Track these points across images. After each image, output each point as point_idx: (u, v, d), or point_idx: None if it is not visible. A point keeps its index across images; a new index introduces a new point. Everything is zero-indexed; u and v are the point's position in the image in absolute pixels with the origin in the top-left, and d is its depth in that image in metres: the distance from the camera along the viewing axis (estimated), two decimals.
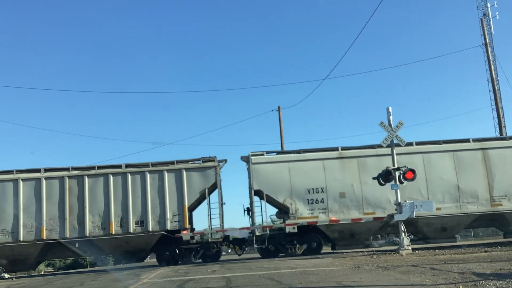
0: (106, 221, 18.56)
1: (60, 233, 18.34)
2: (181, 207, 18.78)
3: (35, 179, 18.59)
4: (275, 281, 9.43)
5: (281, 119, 34.80)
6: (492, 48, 29.52)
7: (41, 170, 18.82)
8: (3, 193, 18.48)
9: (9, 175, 18.68)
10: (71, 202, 18.57)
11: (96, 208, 18.58)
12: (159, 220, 18.67)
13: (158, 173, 18.91)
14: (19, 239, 18.22)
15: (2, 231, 18.28)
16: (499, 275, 8.21)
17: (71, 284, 12.97)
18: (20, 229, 18.26)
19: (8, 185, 18.49)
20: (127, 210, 18.60)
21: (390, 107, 17.13)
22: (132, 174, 18.87)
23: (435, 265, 10.72)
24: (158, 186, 18.84)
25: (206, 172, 19.05)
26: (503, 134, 27.50)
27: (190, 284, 9.98)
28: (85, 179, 18.69)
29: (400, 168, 16.79)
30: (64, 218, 18.43)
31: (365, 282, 8.56)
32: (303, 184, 18.83)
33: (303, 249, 19.00)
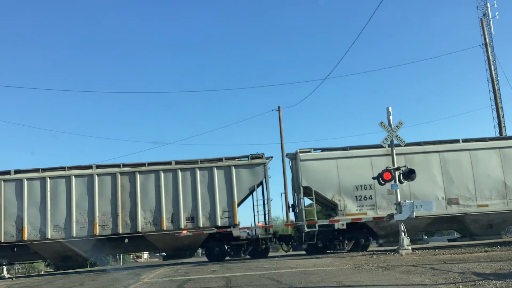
0: (158, 217, 18.67)
1: (112, 229, 18.49)
2: (230, 203, 18.91)
3: (88, 175, 18.73)
4: (275, 281, 9.43)
5: (281, 119, 34.85)
6: (492, 48, 29.55)
7: (92, 166, 18.95)
8: (56, 190, 18.56)
9: (62, 171, 18.74)
10: (123, 198, 18.69)
11: (147, 204, 18.70)
12: (209, 216, 18.82)
13: (208, 170, 19.09)
14: (71, 235, 18.29)
15: (55, 227, 18.33)
16: (499, 275, 8.21)
17: (71, 284, 12.97)
18: (73, 225, 18.33)
19: (61, 181, 18.60)
20: (178, 206, 18.74)
21: (390, 107, 17.21)
22: (182, 170, 19.01)
23: (435, 265, 10.72)
24: (208, 182, 18.99)
25: (254, 169, 19.21)
26: (503, 134, 27.51)
27: (190, 284, 9.98)
28: (136, 175, 18.84)
29: (400, 168, 16.82)
30: (116, 214, 18.55)
31: (365, 282, 8.56)
32: (351, 181, 18.95)
33: (351, 246, 19.06)
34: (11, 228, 18.20)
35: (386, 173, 16.77)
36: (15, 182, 18.47)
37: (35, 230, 18.21)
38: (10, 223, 18.21)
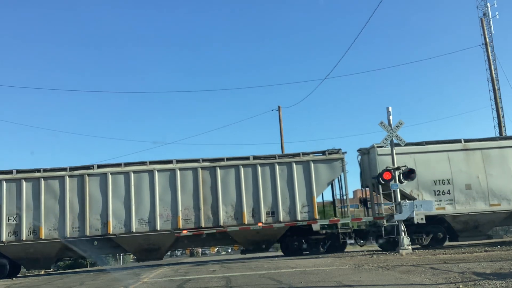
0: (239, 211, 18.74)
1: (195, 223, 18.55)
2: (310, 198, 18.93)
3: (170, 170, 18.78)
4: (275, 281, 9.43)
5: (281, 119, 34.86)
6: (492, 47, 29.50)
7: (173, 161, 19.00)
8: (140, 184, 18.63)
9: (144, 166, 18.84)
10: (205, 192, 18.76)
11: (228, 199, 18.76)
12: (289, 210, 18.83)
13: (287, 165, 19.09)
14: (156, 229, 18.36)
15: (139, 220, 18.40)
16: (499, 274, 8.21)
17: (71, 283, 12.97)
18: (157, 219, 18.41)
19: (144, 175, 18.69)
20: (258, 200, 18.79)
21: (390, 107, 17.26)
22: (261, 165, 19.07)
23: (435, 265, 10.72)
24: (287, 177, 18.99)
25: (332, 164, 19.20)
26: (503, 134, 27.50)
27: (190, 283, 9.99)
28: (217, 170, 18.91)
29: (400, 168, 16.84)
30: (198, 208, 18.61)
31: (365, 281, 8.56)
32: (429, 176, 18.98)
33: (429, 240, 19.03)
34: (96, 222, 18.26)
35: (386, 173, 16.79)
36: (99, 176, 18.59)
37: (120, 224, 18.32)
38: (95, 217, 18.30)
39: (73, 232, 18.11)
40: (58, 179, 18.41)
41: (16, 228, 18.00)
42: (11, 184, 18.25)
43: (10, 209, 18.10)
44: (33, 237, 17.97)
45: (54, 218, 18.13)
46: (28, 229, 18.01)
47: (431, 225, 18.82)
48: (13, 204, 18.12)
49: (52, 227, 18.06)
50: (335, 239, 19.06)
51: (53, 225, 18.07)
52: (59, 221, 18.10)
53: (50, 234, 18.02)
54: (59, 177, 18.42)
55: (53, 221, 18.10)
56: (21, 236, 17.93)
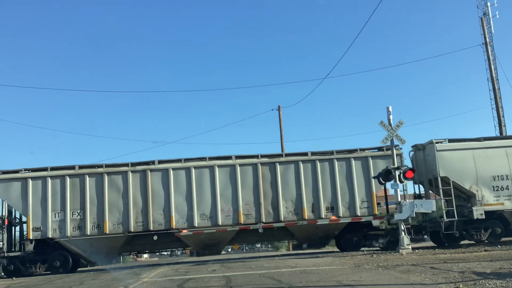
0: (299, 206, 18.80)
1: (256, 218, 18.63)
2: (369, 193, 19.03)
3: (230, 165, 18.87)
4: (275, 280, 9.43)
5: (281, 118, 34.84)
6: (492, 47, 29.45)
7: (232, 157, 19.09)
8: (201, 179, 18.76)
9: (204, 161, 18.96)
10: (265, 188, 18.84)
11: (288, 194, 18.81)
12: (348, 206, 18.94)
13: (345, 161, 19.23)
14: (217, 223, 18.46)
15: (201, 215, 18.54)
16: (499, 274, 8.21)
17: (71, 283, 12.96)
18: (219, 214, 18.52)
19: (205, 171, 18.82)
20: (318, 196, 18.87)
21: (390, 107, 17.24)
22: (320, 161, 19.16)
23: (435, 264, 10.72)
24: (345, 173, 19.13)
25: (390, 159, 19.18)
26: (503, 133, 27.49)
27: (190, 283, 9.98)
28: (276, 166, 18.98)
29: (400, 168, 16.82)
30: (259, 203, 18.69)
31: (365, 281, 8.56)
32: (488, 171, 18.94)
33: (487, 235, 19.02)
34: (159, 217, 18.40)
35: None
36: (161, 171, 18.69)
37: (183, 219, 18.46)
38: (158, 212, 18.45)
39: (137, 226, 18.28)
40: (121, 174, 18.59)
41: (80, 223, 18.17)
42: (75, 180, 18.42)
43: (74, 204, 18.29)
44: (97, 232, 18.16)
45: (118, 212, 18.31)
46: (92, 224, 18.19)
47: (489, 220, 18.85)
48: (77, 199, 18.32)
49: (116, 222, 18.24)
50: (393, 234, 18.96)
51: (117, 219, 18.26)
52: (123, 215, 18.29)
53: (114, 229, 18.21)
54: (122, 173, 18.61)
55: (117, 216, 18.29)
56: (86, 231, 18.09)
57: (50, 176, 18.38)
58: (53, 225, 18.12)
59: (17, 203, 18.37)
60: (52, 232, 18.09)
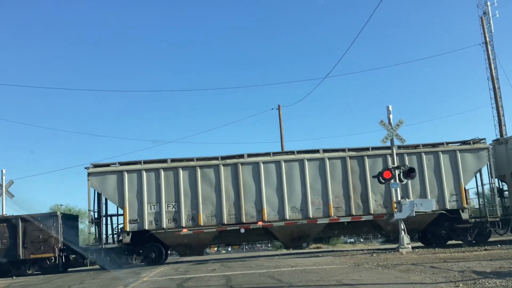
0: (388, 200, 18.92)
1: (346, 211, 18.80)
2: (457, 187, 19.19)
3: (319, 159, 19.03)
4: (275, 280, 9.43)
5: (281, 118, 34.79)
6: (492, 46, 29.41)
7: (319, 150, 19.30)
8: (291, 173, 18.92)
9: (293, 155, 19.16)
10: (354, 181, 19.00)
11: (377, 187, 18.89)
12: (437, 199, 19.07)
13: (433, 154, 19.40)
14: (308, 216, 18.58)
15: (292, 208, 18.66)
16: (499, 273, 8.20)
17: (71, 282, 12.97)
18: (309, 207, 18.66)
19: (294, 164, 18.97)
20: (407, 189, 18.95)
21: (390, 106, 17.27)
22: (408, 155, 19.35)
23: (435, 264, 10.71)
24: (434, 166, 19.31)
25: (479, 153, 19.41)
26: (503, 132, 27.47)
27: (190, 282, 9.98)
28: (365, 159, 19.17)
29: (400, 167, 16.82)
30: (349, 196, 18.83)
31: (365, 280, 8.56)
32: None
33: None
34: (251, 209, 18.62)
35: (386, 172, 16.79)
36: (252, 165, 18.92)
37: (274, 211, 18.63)
38: (250, 205, 18.66)
39: (230, 219, 18.53)
40: (213, 167, 18.87)
41: (175, 215, 18.48)
42: (169, 173, 18.70)
43: (168, 196, 18.55)
44: (192, 224, 18.44)
45: (211, 205, 18.63)
46: (187, 216, 18.51)
47: None
48: (171, 192, 18.59)
49: (210, 214, 18.56)
50: (482, 227, 19.09)
51: (211, 212, 18.58)
52: (216, 208, 18.60)
53: (208, 221, 18.51)
54: (213, 166, 18.89)
55: (210, 208, 18.60)
56: (181, 222, 18.38)
57: (145, 169, 18.69)
58: (149, 217, 18.42)
59: (113, 196, 18.71)
60: (148, 224, 18.39)
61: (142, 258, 18.60)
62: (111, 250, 18.48)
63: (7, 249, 18.49)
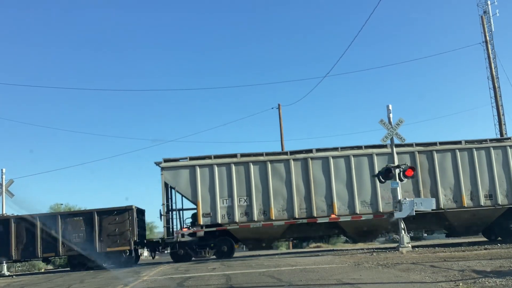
0: (458, 194, 19.07)
1: None
2: None
3: (387, 154, 19.05)
4: (275, 279, 9.44)
5: (281, 117, 34.78)
6: (492, 45, 29.37)
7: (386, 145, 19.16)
8: (360, 167, 19.06)
9: (361, 150, 19.33)
10: (423, 176, 19.11)
11: (446, 182, 19.09)
12: (506, 193, 19.22)
13: (501, 149, 19.53)
14: (378, 210, 18.72)
15: (362, 202, 18.80)
16: (499, 272, 8.21)
17: (71, 281, 12.97)
18: (379, 201, 18.80)
19: (363, 159, 19.15)
20: (476, 184, 19.12)
21: (390, 105, 17.24)
22: (477, 149, 19.44)
23: (435, 263, 10.72)
24: (502, 161, 19.42)
25: None
26: (503, 132, 27.46)
27: (190, 281, 9.98)
28: (434, 154, 19.29)
29: (400, 166, 16.81)
30: (418, 190, 19.02)
31: (365, 279, 8.56)
32: None
33: None
34: (322, 204, 18.75)
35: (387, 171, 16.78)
36: (321, 160, 19.07)
37: (344, 206, 18.78)
38: (320, 199, 18.79)
39: (301, 213, 18.60)
40: (283, 162, 19.01)
41: (247, 209, 18.67)
42: (240, 167, 18.93)
43: (240, 190, 18.78)
44: (263, 218, 18.59)
45: (282, 199, 18.75)
46: (258, 210, 18.68)
47: None
48: (242, 186, 18.81)
49: (281, 208, 18.70)
50: None
51: (281, 206, 18.70)
52: (287, 202, 18.71)
53: (279, 215, 18.62)
54: (283, 161, 19.04)
55: (281, 203, 18.73)
56: (253, 216, 18.55)
57: (216, 164, 18.92)
58: (222, 211, 18.63)
59: (186, 190, 18.93)
60: (221, 218, 18.58)
61: (215, 251, 18.78)
62: (184, 244, 18.72)
63: (83, 243, 18.61)
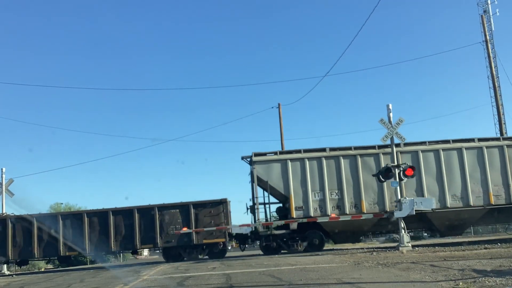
0: None
1: (505, 199, 19.02)
2: None
3: (476, 148, 19.26)
4: (275, 278, 9.44)
5: (281, 116, 34.74)
6: (493, 45, 29.34)
7: (474, 139, 19.54)
8: (450, 161, 19.13)
9: (449, 144, 19.39)
10: None
11: None
12: None
13: None
14: (469, 204, 18.85)
15: (452, 196, 18.93)
16: (499, 272, 8.21)
17: (71, 281, 12.97)
18: (469, 195, 18.87)
19: (453, 153, 19.20)
20: None
21: (390, 104, 17.20)
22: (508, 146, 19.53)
23: (435, 262, 10.72)
24: None
25: None
26: (503, 131, 27.45)
27: (190, 281, 9.99)
28: None
29: (400, 165, 16.81)
30: (508, 185, 19.08)
31: (365, 279, 8.55)
32: None
33: None
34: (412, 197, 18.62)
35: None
36: (410, 153, 19.17)
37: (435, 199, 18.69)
38: (411, 192, 18.76)
39: (392, 206, 18.51)
40: (373, 156, 19.16)
41: (339, 202, 18.81)
42: (330, 161, 19.10)
43: (331, 184, 18.92)
44: (355, 211, 18.70)
45: (372, 193, 18.90)
46: (350, 203, 18.80)
47: None
48: (333, 180, 18.93)
49: (372, 202, 18.87)
50: None
51: (372, 199, 18.88)
52: (378, 195, 18.87)
53: (370, 208, 18.74)
54: (373, 155, 19.17)
55: (372, 196, 18.90)
56: (345, 210, 18.67)
57: (307, 158, 19.09)
58: (314, 205, 18.75)
59: (278, 184, 19.08)
60: (314, 211, 18.69)
61: (306, 244, 18.86)
62: (276, 236, 18.88)
63: (181, 234, 19.07)
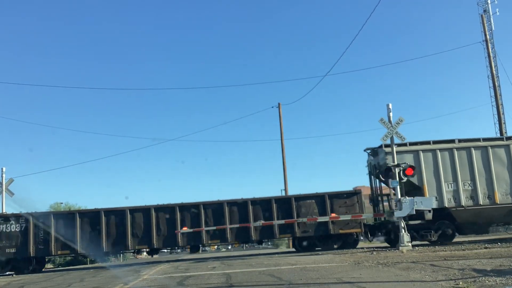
0: None
1: None
2: None
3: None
4: (275, 278, 9.44)
5: (281, 116, 34.80)
6: (493, 44, 29.37)
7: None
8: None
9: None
10: None
11: None
12: None
13: None
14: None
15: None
16: (499, 271, 8.20)
17: (71, 280, 12.98)
18: None
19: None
20: None
21: (390, 104, 17.23)
22: None
23: (435, 262, 10.71)
24: None
25: None
26: (503, 131, 27.45)
27: (190, 280, 9.98)
28: None
29: (400, 165, 16.81)
30: None
31: (365, 278, 8.55)
32: None
33: None
34: None
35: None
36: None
37: None
38: None
39: None
40: (503, 147, 19.41)
41: (472, 193, 19.04)
42: (461, 152, 19.30)
43: (463, 175, 19.12)
44: (488, 202, 18.97)
45: (504, 184, 19.16)
46: (483, 194, 19.05)
47: None
48: (465, 171, 19.15)
49: (504, 193, 19.12)
50: None
51: (505, 190, 19.14)
52: (510, 187, 19.13)
53: (503, 199, 19.02)
54: (504, 146, 19.45)
55: (504, 187, 19.15)
56: (478, 200, 18.92)
57: (439, 149, 19.25)
58: (447, 195, 18.99)
59: None
60: (447, 201, 18.91)
61: (439, 234, 18.99)
62: (410, 227, 18.76)
63: (318, 224, 19.85)
